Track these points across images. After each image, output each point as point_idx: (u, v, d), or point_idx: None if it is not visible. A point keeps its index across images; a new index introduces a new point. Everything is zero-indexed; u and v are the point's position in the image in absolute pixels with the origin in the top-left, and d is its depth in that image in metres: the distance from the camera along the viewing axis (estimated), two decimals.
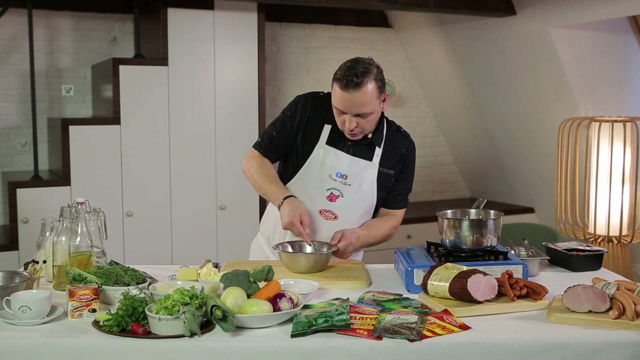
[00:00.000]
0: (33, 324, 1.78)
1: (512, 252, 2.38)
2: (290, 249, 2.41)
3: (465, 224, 2.25)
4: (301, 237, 2.42)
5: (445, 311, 1.85)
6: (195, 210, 4.57)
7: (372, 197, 2.55)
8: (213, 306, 1.70)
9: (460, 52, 5.36)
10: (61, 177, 4.27)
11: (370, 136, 2.50)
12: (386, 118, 2.59)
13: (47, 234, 2.28)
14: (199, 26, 4.48)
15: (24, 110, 4.64)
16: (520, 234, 3.13)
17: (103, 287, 1.94)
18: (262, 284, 1.94)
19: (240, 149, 4.43)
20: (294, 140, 2.54)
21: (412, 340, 1.67)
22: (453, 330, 1.74)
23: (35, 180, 4.22)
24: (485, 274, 1.93)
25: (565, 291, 1.88)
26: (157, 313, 1.68)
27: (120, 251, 4.35)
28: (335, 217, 2.51)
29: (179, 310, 1.68)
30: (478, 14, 4.70)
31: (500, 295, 1.96)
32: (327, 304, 1.93)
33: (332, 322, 1.73)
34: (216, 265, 2.32)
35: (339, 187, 2.50)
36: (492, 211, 2.35)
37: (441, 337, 1.70)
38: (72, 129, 4.25)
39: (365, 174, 2.51)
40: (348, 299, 1.99)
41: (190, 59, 4.48)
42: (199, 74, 4.52)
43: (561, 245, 2.49)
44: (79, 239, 2.11)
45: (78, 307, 1.82)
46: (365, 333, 1.70)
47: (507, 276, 1.98)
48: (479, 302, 1.89)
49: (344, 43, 5.57)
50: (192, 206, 4.56)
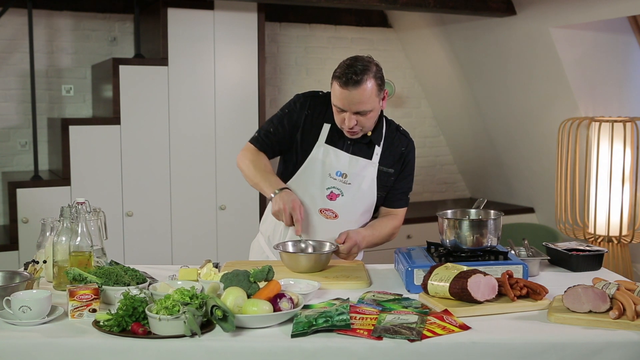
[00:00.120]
0: (33, 324, 1.78)
1: (512, 252, 2.37)
2: (290, 249, 2.40)
3: (465, 224, 2.25)
4: (289, 225, 2.40)
5: (446, 311, 1.85)
6: (195, 210, 4.57)
7: (372, 196, 2.55)
8: (213, 306, 1.70)
9: (460, 52, 5.36)
10: (61, 177, 4.27)
11: (369, 134, 2.50)
12: (385, 117, 2.59)
13: (47, 234, 2.28)
14: (199, 26, 4.47)
15: (24, 110, 4.64)
16: (520, 234, 3.12)
17: (103, 287, 1.94)
18: (262, 284, 1.94)
19: (240, 148, 4.42)
20: (291, 139, 2.53)
21: (412, 341, 1.67)
22: (453, 331, 1.73)
23: (35, 180, 4.22)
24: (485, 274, 1.93)
25: (565, 291, 1.88)
26: (157, 313, 1.68)
27: (120, 251, 4.35)
28: (336, 216, 2.51)
29: (179, 310, 1.68)
30: (478, 14, 4.70)
31: (501, 295, 1.96)
32: (327, 304, 1.93)
33: (332, 322, 1.72)
34: (216, 265, 2.32)
35: (339, 185, 2.50)
36: (492, 211, 2.35)
37: (441, 337, 1.70)
38: (72, 129, 4.25)
39: (365, 173, 2.51)
40: (348, 299, 1.99)
41: (190, 59, 4.48)
42: (199, 74, 4.51)
43: (561, 245, 2.49)
44: (79, 239, 2.11)
45: (78, 307, 1.82)
46: (366, 333, 1.70)
47: (507, 276, 1.98)
48: (479, 302, 1.89)
49: (344, 43, 5.57)
50: (192, 206, 4.56)
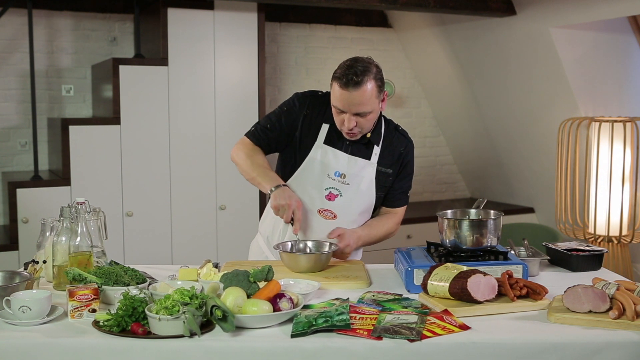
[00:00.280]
0: (33, 324, 1.78)
1: (512, 252, 2.37)
2: (290, 249, 2.40)
3: (465, 224, 2.25)
4: (288, 222, 2.38)
5: (445, 311, 1.85)
6: (195, 210, 4.57)
7: (370, 196, 2.55)
8: (213, 306, 1.70)
9: (460, 52, 5.35)
10: (61, 177, 4.27)
11: (368, 135, 2.50)
12: (384, 117, 2.58)
13: (47, 234, 2.28)
14: (199, 26, 4.47)
15: (24, 110, 4.64)
16: (520, 234, 3.12)
17: (103, 287, 1.94)
18: (262, 284, 1.94)
19: None
20: (288, 137, 2.52)
21: (412, 341, 1.67)
22: (453, 331, 1.73)
23: (35, 180, 4.22)
24: (485, 274, 1.93)
25: (565, 291, 1.88)
26: (157, 313, 1.68)
27: (120, 251, 4.35)
28: (335, 217, 2.50)
29: (179, 310, 1.68)
30: (478, 14, 4.70)
31: (500, 295, 1.96)
32: (327, 304, 1.93)
33: (332, 322, 1.72)
34: (216, 265, 2.32)
35: (337, 186, 2.49)
36: (492, 211, 2.35)
37: (441, 337, 1.70)
38: (72, 129, 4.25)
39: (363, 173, 2.51)
40: (348, 299, 1.99)
41: (190, 59, 4.48)
42: (199, 74, 4.51)
43: (561, 245, 2.49)
44: (79, 239, 2.11)
45: (78, 307, 1.82)
46: (365, 333, 1.70)
47: (507, 276, 1.98)
48: (479, 302, 1.89)
49: (344, 43, 5.57)
50: (192, 206, 4.56)
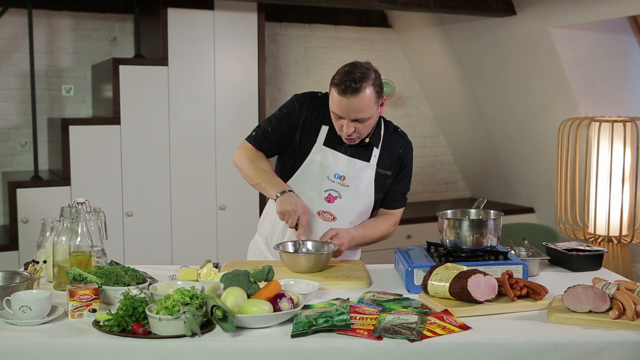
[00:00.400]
0: (33, 324, 1.78)
1: (512, 252, 2.37)
2: (290, 249, 2.40)
3: (465, 224, 2.25)
4: (292, 227, 2.39)
5: (446, 311, 1.85)
6: (195, 210, 4.57)
7: (369, 198, 2.55)
8: (213, 306, 1.70)
9: (460, 52, 5.36)
10: (61, 177, 4.27)
11: (367, 140, 2.49)
12: (383, 118, 2.58)
13: (47, 234, 2.28)
14: (199, 26, 4.47)
15: (24, 110, 4.64)
16: (520, 234, 3.12)
17: (103, 287, 1.94)
18: (262, 284, 1.94)
19: None
20: (289, 139, 2.52)
21: (412, 341, 1.67)
22: (453, 331, 1.73)
23: (35, 180, 4.22)
24: (485, 274, 1.93)
25: (565, 291, 1.88)
26: (157, 313, 1.68)
27: (120, 251, 4.35)
28: (334, 219, 2.50)
29: (179, 310, 1.68)
30: (478, 14, 4.70)
31: (501, 295, 1.96)
32: (327, 304, 1.93)
33: (332, 322, 1.72)
34: (216, 266, 2.32)
35: (337, 188, 2.49)
36: (492, 211, 2.35)
37: (441, 337, 1.70)
38: (72, 129, 4.25)
39: (362, 175, 2.51)
40: (348, 299, 1.99)
41: (190, 59, 4.47)
42: (199, 74, 4.51)
43: (561, 245, 2.49)
44: (79, 239, 2.11)
45: (78, 307, 1.82)
46: (366, 333, 1.70)
47: (507, 276, 1.98)
48: (479, 302, 1.89)
49: (344, 43, 5.57)
50: (192, 206, 4.56)
